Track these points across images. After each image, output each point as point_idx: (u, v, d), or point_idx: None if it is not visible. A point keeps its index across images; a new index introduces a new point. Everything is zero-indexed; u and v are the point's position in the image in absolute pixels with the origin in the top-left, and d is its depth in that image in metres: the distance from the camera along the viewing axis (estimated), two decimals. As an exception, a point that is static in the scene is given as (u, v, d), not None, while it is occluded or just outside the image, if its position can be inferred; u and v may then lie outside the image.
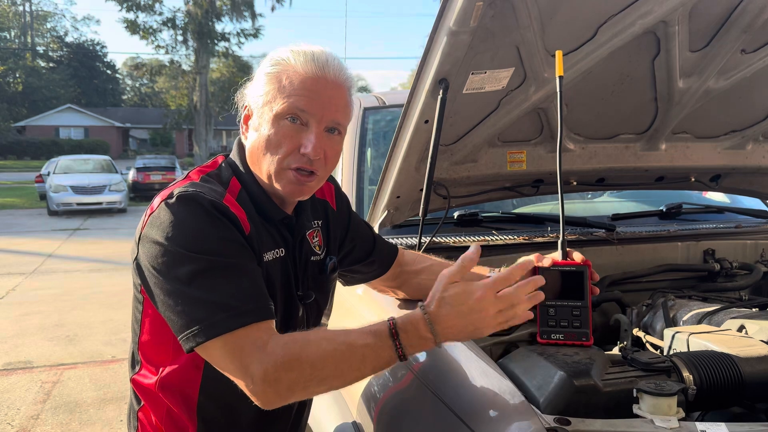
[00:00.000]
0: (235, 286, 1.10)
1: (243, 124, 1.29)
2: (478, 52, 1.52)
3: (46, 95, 46.27)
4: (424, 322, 1.08)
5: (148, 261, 1.13)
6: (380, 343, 1.07)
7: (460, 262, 1.12)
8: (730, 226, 2.33)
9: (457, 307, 1.08)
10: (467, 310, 1.07)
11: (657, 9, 1.59)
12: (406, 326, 1.08)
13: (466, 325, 1.08)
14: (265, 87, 1.22)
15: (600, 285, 1.89)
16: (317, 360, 1.05)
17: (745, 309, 1.65)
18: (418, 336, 1.08)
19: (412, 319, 1.09)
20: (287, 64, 1.21)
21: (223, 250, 1.12)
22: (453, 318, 1.07)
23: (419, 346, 1.09)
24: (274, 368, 1.04)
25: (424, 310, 1.09)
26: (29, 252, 10.38)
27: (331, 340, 1.08)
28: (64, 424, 3.89)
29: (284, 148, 1.20)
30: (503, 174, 2.01)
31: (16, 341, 5.57)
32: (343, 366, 1.07)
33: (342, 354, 1.07)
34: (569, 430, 0.99)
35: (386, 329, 1.08)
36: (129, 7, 27.15)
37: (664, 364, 1.21)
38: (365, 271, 1.60)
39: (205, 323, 1.06)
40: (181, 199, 1.14)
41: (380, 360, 1.08)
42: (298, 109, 1.19)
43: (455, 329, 1.08)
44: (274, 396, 1.06)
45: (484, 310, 1.08)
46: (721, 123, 2.14)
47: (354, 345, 1.07)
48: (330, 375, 1.07)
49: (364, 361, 1.07)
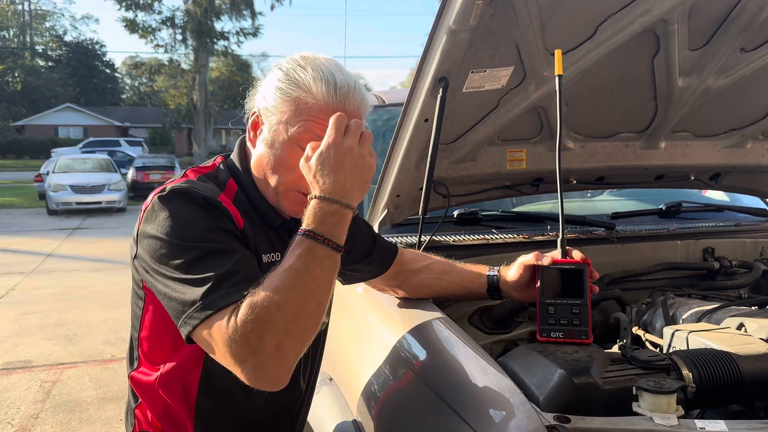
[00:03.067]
0: (228, 266, 1.07)
1: (251, 129, 1.28)
2: (477, 51, 1.53)
3: (45, 94, 46.22)
4: (319, 202, 1.07)
5: (146, 255, 1.14)
6: (307, 247, 1.04)
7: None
8: (729, 225, 2.34)
9: (328, 168, 1.07)
10: (336, 165, 1.07)
11: (656, 7, 1.59)
12: (313, 219, 1.06)
13: (346, 177, 1.08)
14: (280, 105, 1.20)
15: (600, 283, 1.89)
16: (271, 299, 0.99)
17: (744, 307, 1.65)
18: (329, 213, 1.06)
19: (311, 209, 1.07)
20: (307, 89, 1.18)
21: (216, 238, 1.11)
22: (335, 177, 1.07)
23: (340, 223, 1.08)
24: (238, 334, 0.98)
25: (310, 197, 1.08)
26: (28, 251, 10.37)
27: (270, 278, 1.03)
28: (63, 423, 3.89)
29: (296, 173, 1.18)
30: (503, 173, 2.02)
31: (16, 340, 5.56)
32: (298, 287, 1.01)
33: (288, 279, 1.01)
34: (569, 428, 0.99)
35: (300, 235, 1.06)
36: (128, 6, 27.09)
37: (663, 362, 1.22)
38: (365, 270, 1.60)
39: (199, 304, 1.03)
40: (174, 193, 1.14)
41: (320, 260, 1.05)
42: (315, 136, 1.17)
43: (347, 184, 1.08)
44: (264, 360, 0.98)
45: (345, 155, 1.08)
46: (720, 121, 2.14)
47: (290, 267, 1.03)
48: (294, 303, 1.00)
49: (309, 270, 1.03)
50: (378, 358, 1.45)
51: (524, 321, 1.81)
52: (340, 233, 1.08)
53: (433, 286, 1.62)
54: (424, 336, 1.41)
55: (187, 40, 28.78)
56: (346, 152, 1.08)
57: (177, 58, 29.63)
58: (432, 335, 1.40)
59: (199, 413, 1.28)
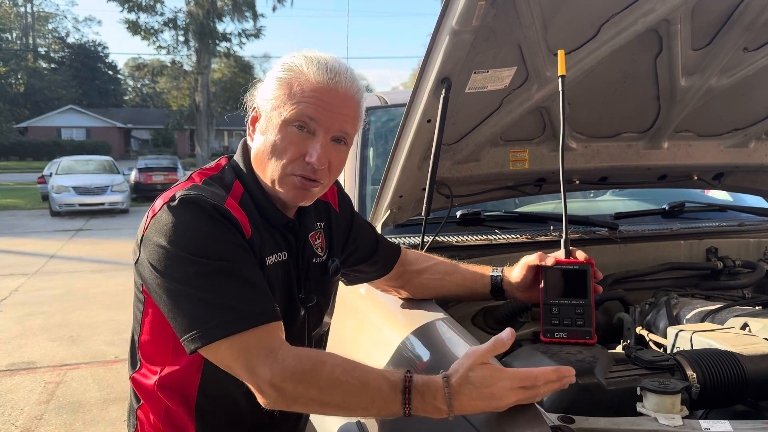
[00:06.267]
0: (238, 288, 1.10)
1: (250, 125, 1.29)
2: (480, 52, 1.53)
3: (47, 96, 46.34)
4: (442, 395, 1.04)
5: (150, 263, 1.14)
6: (392, 395, 1.05)
7: (492, 343, 1.08)
8: (732, 225, 2.33)
9: (480, 390, 1.03)
10: (489, 395, 1.03)
11: (659, 7, 1.59)
12: (424, 390, 1.04)
13: (484, 406, 1.04)
14: (275, 91, 1.22)
15: (603, 283, 1.88)
16: (327, 385, 1.05)
17: (748, 307, 1.65)
18: (433, 405, 1.04)
19: (432, 387, 1.05)
20: (299, 71, 1.20)
21: (225, 254, 1.12)
22: (473, 399, 1.03)
23: (431, 413, 1.05)
24: (281, 377, 1.04)
25: (446, 383, 1.04)
26: (32, 253, 10.39)
27: (346, 372, 1.06)
28: (67, 425, 3.89)
29: (289, 155, 1.20)
30: (506, 173, 2.01)
31: (20, 342, 5.58)
32: (350, 400, 1.06)
33: (353, 389, 1.05)
34: (573, 429, 0.99)
35: (401, 384, 1.05)
36: (130, 7, 27.16)
37: (667, 363, 1.21)
38: (368, 271, 1.60)
39: (209, 325, 1.07)
40: (183, 202, 1.13)
41: (387, 409, 1.06)
42: (307, 117, 1.18)
43: (471, 407, 1.04)
44: (278, 401, 1.06)
45: (506, 398, 1.03)
46: (723, 121, 2.14)
47: (368, 385, 1.05)
48: (335, 403, 1.07)
49: (373, 403, 1.06)
50: (381, 358, 1.45)
51: (528, 321, 1.81)
52: (422, 414, 1.06)
53: (436, 287, 1.61)
54: (428, 337, 1.41)
55: (189, 42, 28.81)
56: (503, 398, 1.03)
57: (179, 59, 29.67)
58: (435, 336, 1.40)
59: (199, 415, 1.28)
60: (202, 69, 28.49)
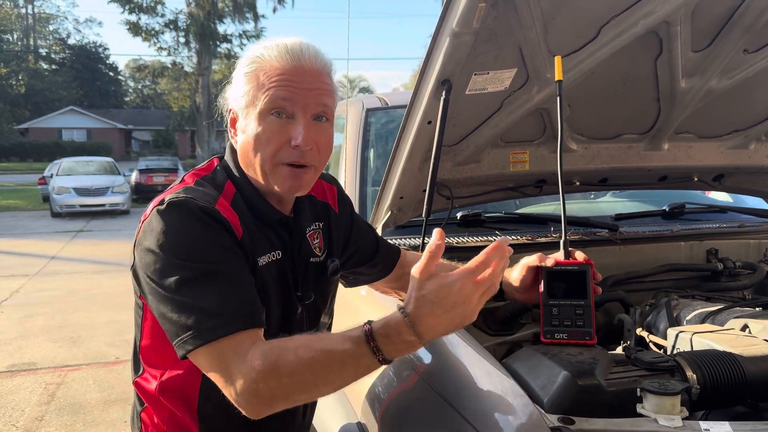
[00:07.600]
0: (224, 293, 1.09)
1: (230, 128, 1.29)
2: (480, 53, 1.53)
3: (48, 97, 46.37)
4: (405, 326, 1.00)
5: (142, 269, 1.14)
6: (359, 350, 1.02)
7: (427, 253, 1.02)
8: (733, 226, 2.33)
9: (439, 303, 1.00)
10: (450, 304, 1.00)
11: (659, 9, 1.59)
12: (387, 331, 1.02)
13: (452, 318, 1.01)
14: (244, 87, 1.21)
15: (603, 285, 1.88)
16: (295, 369, 1.02)
17: (748, 308, 1.65)
18: (402, 341, 1.01)
19: (392, 323, 1.02)
20: (262, 60, 1.20)
21: (213, 257, 1.11)
22: (437, 315, 1.00)
23: (404, 350, 1.04)
24: (252, 379, 1.02)
25: (403, 313, 1.01)
26: (33, 254, 10.40)
27: (308, 348, 1.04)
28: (68, 426, 3.90)
29: (274, 144, 1.19)
30: (506, 174, 2.02)
31: (20, 343, 5.58)
32: (323, 373, 1.03)
33: (320, 362, 1.03)
34: (573, 430, 0.99)
35: (363, 336, 1.02)
36: (131, 9, 27.20)
37: (667, 364, 1.21)
38: (368, 273, 1.60)
39: (194, 331, 1.06)
40: (171, 206, 1.13)
41: (360, 366, 1.04)
42: (281, 99, 1.17)
43: (441, 326, 1.02)
44: (258, 405, 1.04)
45: (468, 299, 1.00)
46: (723, 123, 2.14)
47: (332, 352, 1.03)
48: (311, 382, 1.03)
49: (344, 367, 1.03)
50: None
51: (528, 322, 1.81)
52: (397, 355, 1.04)
53: (436, 288, 1.61)
54: (428, 338, 1.40)
55: (189, 43, 28.83)
56: (466, 300, 1.01)
57: (180, 60, 29.71)
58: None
59: (202, 419, 1.28)
60: (203, 70, 28.50)
